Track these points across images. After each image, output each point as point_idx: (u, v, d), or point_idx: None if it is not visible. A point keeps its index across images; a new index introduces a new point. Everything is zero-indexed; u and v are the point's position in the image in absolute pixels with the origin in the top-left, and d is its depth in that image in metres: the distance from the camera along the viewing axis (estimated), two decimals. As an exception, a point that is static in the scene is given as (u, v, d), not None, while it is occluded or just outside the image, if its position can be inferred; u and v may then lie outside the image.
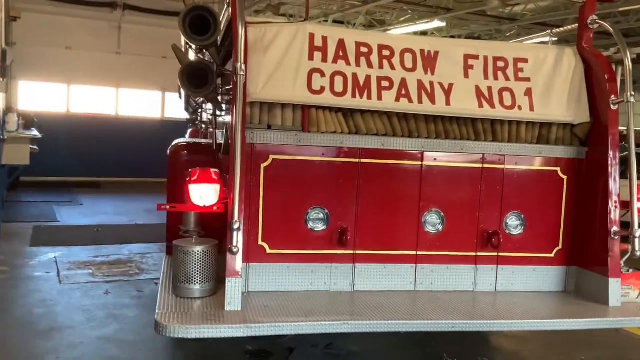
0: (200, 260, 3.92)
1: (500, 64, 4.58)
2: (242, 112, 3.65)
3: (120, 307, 6.35)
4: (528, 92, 4.57)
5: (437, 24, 17.19)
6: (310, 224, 4.25)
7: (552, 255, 4.65)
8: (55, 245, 8.89)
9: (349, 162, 4.29)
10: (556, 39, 5.83)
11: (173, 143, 5.60)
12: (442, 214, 4.44)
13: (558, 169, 4.62)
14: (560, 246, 4.66)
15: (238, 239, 3.58)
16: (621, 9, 13.35)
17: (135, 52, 17.41)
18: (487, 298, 4.43)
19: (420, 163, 4.41)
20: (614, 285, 4.30)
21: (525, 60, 4.63)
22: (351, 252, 4.32)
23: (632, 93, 4.27)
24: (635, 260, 4.35)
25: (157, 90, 18.48)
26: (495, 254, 4.54)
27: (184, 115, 18.54)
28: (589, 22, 4.74)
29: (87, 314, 6.06)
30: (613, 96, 4.42)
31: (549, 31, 5.64)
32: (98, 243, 9.25)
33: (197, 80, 4.02)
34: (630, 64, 4.30)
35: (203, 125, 8.31)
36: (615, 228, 4.33)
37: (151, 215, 11.95)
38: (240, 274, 3.74)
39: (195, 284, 3.93)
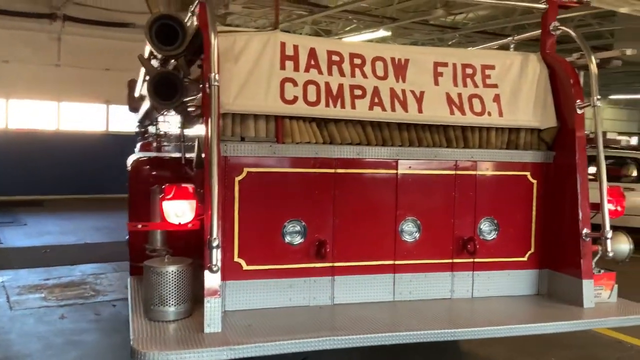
0: (175, 281, 3.74)
1: (469, 70, 4.60)
2: (217, 124, 3.51)
3: (78, 333, 6.03)
4: (496, 98, 4.60)
5: (382, 33, 17.43)
6: (288, 238, 4.13)
7: (525, 259, 4.69)
8: (1, 269, 8.40)
9: (325, 173, 4.20)
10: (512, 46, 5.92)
11: (133, 158, 5.37)
12: (419, 222, 4.41)
13: (528, 173, 4.67)
14: (533, 249, 4.70)
15: (217, 257, 3.43)
16: (581, 13, 13.74)
17: (77, 65, 16.84)
18: (465, 305, 4.42)
19: (395, 172, 4.36)
20: (588, 287, 4.36)
21: (492, 67, 4.67)
22: (330, 264, 4.22)
23: (599, 97, 4.36)
24: (606, 261, 4.44)
25: (100, 103, 17.92)
26: (471, 260, 4.54)
27: (130, 128, 18.09)
28: (551, 28, 4.84)
29: (43, 341, 5.72)
30: (579, 100, 4.50)
31: (510, 38, 5.72)
32: (47, 265, 8.80)
33: (165, 92, 3.85)
34: (595, 68, 4.39)
35: (158, 139, 8.04)
36: (586, 230, 4.40)
37: (100, 233, 11.53)
38: (219, 293, 3.58)
39: (170, 306, 3.74)
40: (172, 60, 4.06)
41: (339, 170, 4.23)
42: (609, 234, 4.28)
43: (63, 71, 16.92)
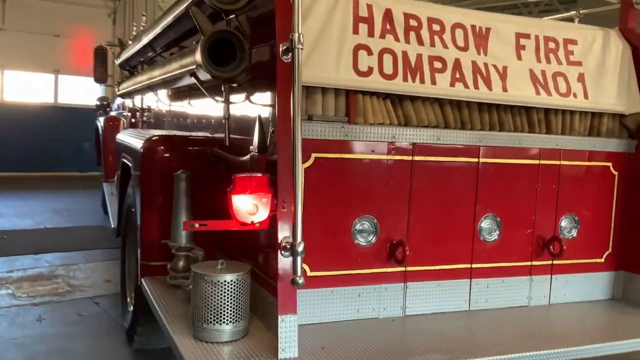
0: (235, 292, 2.99)
1: (551, 44, 4.00)
2: (298, 99, 2.76)
3: (63, 338, 5.16)
4: (581, 78, 4.03)
5: None
6: (358, 238, 3.43)
7: (603, 260, 4.18)
8: (-49, 259, 7.33)
9: (401, 160, 3.52)
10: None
11: (141, 136, 4.51)
12: (498, 219, 3.80)
13: (610, 164, 4.14)
14: (610, 250, 4.19)
15: (299, 267, 2.71)
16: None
17: (23, 29, 15.34)
18: (545, 315, 3.86)
19: (477, 160, 3.73)
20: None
21: (574, 42, 4.08)
22: (402, 269, 3.56)
23: (702, 80, 3.85)
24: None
25: (48, 72, 16.48)
26: (550, 262, 3.98)
27: (82, 101, 16.72)
28: (635, 0, 4.29)
29: (24, 350, 4.83)
30: (671, 84, 3.99)
31: (575, 12, 5.15)
32: (7, 254, 7.75)
33: (217, 57, 3.07)
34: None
35: (141, 114, 7.11)
36: (678, 229, 3.92)
37: (60, 217, 10.44)
38: (296, 310, 2.86)
39: (226, 324, 2.99)
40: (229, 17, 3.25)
41: (417, 158, 3.56)
42: None
43: (7, 36, 15.40)
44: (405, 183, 3.53)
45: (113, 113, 10.22)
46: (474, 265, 3.77)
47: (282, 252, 2.79)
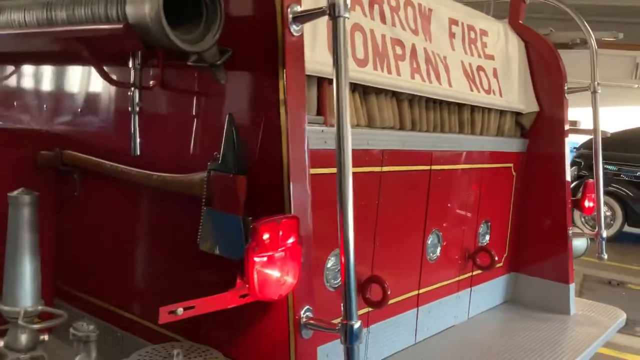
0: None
1: (472, 34, 3.60)
2: (345, 91, 1.81)
3: None
4: (495, 74, 3.73)
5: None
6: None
7: (502, 264, 4.03)
8: None
9: (371, 173, 2.73)
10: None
11: None
12: (441, 234, 3.29)
13: (512, 165, 3.96)
14: (507, 252, 4.06)
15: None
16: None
17: None
18: (482, 330, 3.54)
19: (428, 168, 3.13)
20: (573, 292, 3.97)
21: (486, 33, 3.75)
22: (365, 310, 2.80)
23: (599, 82, 3.89)
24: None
25: None
26: (470, 274, 3.65)
27: None
28: (525, -7, 4.16)
29: None
30: (566, 83, 3.97)
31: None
32: None
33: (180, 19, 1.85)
34: (596, 46, 3.89)
35: None
36: (573, 229, 3.96)
37: None
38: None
39: None
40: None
41: (385, 169, 2.80)
42: (604, 234, 3.91)
43: None
44: (374, 197, 2.76)
45: None
46: (421, 291, 3.21)
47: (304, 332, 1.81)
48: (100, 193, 2.65)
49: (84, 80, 2.75)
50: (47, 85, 2.96)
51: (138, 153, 2.23)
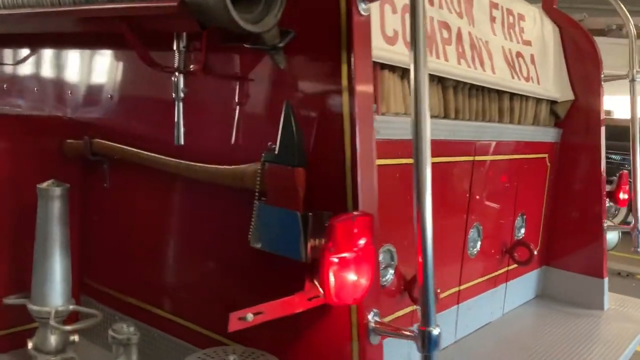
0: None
1: (511, 19, 3.44)
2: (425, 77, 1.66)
3: None
4: (532, 60, 3.58)
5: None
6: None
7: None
8: None
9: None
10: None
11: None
12: (481, 227, 3.16)
13: (547, 155, 3.82)
14: (540, 246, 3.93)
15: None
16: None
17: None
18: (517, 324, 3.42)
19: (472, 158, 2.98)
20: (607, 287, 3.85)
21: (523, 18, 3.60)
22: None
23: (638, 69, 3.74)
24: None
25: None
26: (506, 269, 3.52)
27: None
28: (559, -23, 4.00)
29: None
30: (603, 72, 3.82)
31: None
32: None
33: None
34: (634, 32, 3.75)
35: None
36: (607, 222, 3.83)
37: None
38: None
39: None
40: None
41: (433, 160, 2.64)
42: (641, 227, 3.78)
43: None
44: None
45: None
46: (461, 287, 3.08)
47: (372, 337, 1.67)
48: (134, 184, 2.49)
49: (114, 64, 2.58)
50: (71, 70, 2.78)
51: (182, 142, 2.07)
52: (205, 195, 2.23)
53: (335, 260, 1.58)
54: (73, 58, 2.78)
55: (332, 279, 1.58)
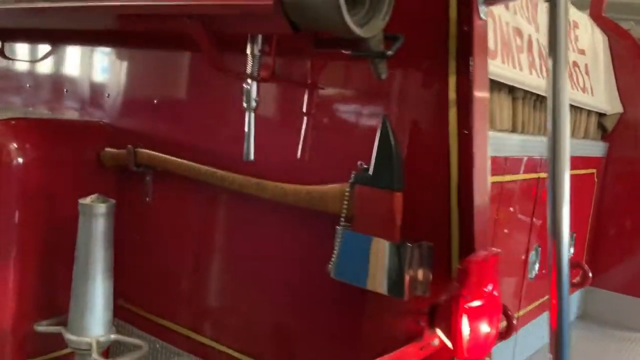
0: None
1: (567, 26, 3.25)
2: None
3: None
4: (587, 70, 3.39)
5: None
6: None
7: (579, 277, 3.71)
8: None
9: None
10: None
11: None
12: (540, 249, 2.96)
13: (595, 170, 3.63)
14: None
15: None
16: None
17: None
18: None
19: (537, 175, 2.78)
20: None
21: (577, 25, 3.41)
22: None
23: (692, 83, 3.58)
24: None
25: None
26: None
27: None
28: (608, -16, 3.83)
29: None
30: (655, 84, 3.65)
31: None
32: None
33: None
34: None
35: None
36: (657, 243, 3.66)
37: None
38: None
39: None
40: None
41: (506, 178, 2.45)
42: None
43: None
44: (492, 215, 2.40)
45: None
46: (520, 313, 2.87)
47: None
48: (183, 200, 2.24)
49: (162, 66, 2.32)
50: (109, 71, 2.52)
51: (252, 157, 1.83)
52: (269, 216, 2.00)
53: (470, 307, 1.36)
54: (111, 57, 2.52)
55: (465, 330, 1.36)
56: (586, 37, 3.47)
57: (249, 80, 1.80)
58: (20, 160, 2.17)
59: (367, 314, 1.71)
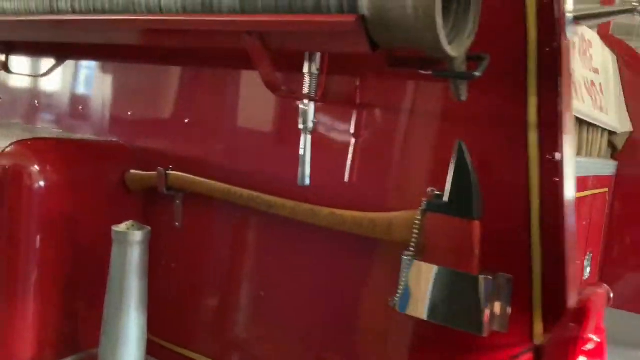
0: None
1: (584, 45, 3.24)
2: None
3: None
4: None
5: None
6: None
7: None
8: None
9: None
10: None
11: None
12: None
13: (607, 190, 3.62)
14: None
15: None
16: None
17: None
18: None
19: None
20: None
21: (591, 45, 3.41)
22: None
23: (701, 103, 3.61)
24: None
25: None
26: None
27: None
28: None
29: None
30: (663, 103, 3.68)
31: None
32: None
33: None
34: None
35: None
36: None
37: None
38: None
39: None
40: None
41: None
42: None
43: None
44: None
45: None
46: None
47: None
48: (218, 227, 2.11)
49: (193, 83, 2.19)
50: (132, 88, 2.38)
51: (308, 182, 1.72)
52: (325, 244, 1.88)
53: (588, 350, 1.27)
54: (132, 73, 2.39)
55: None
56: (599, 56, 3.47)
57: (306, 101, 1.70)
58: (42, 183, 2.02)
59: (436, 351, 1.61)
